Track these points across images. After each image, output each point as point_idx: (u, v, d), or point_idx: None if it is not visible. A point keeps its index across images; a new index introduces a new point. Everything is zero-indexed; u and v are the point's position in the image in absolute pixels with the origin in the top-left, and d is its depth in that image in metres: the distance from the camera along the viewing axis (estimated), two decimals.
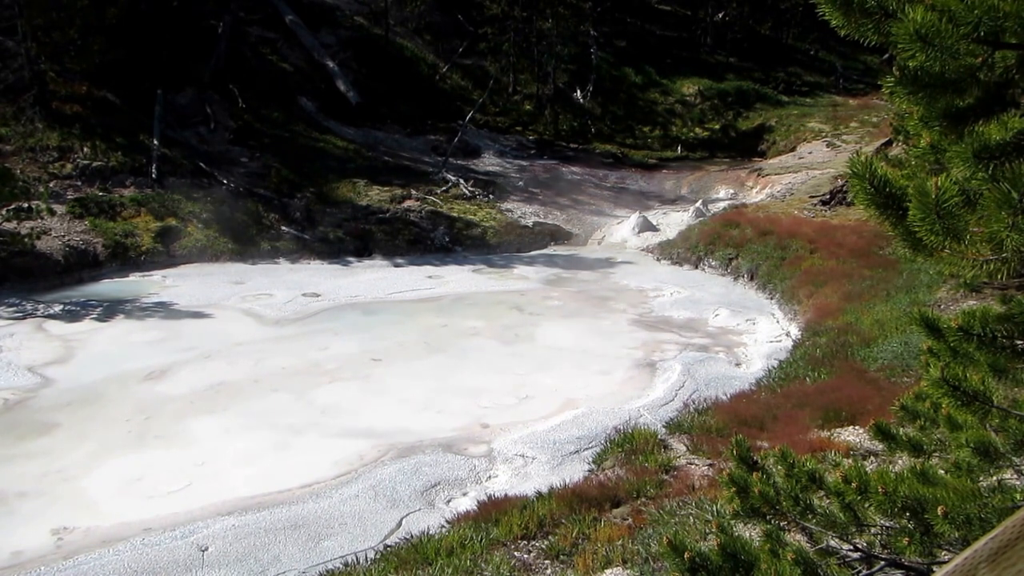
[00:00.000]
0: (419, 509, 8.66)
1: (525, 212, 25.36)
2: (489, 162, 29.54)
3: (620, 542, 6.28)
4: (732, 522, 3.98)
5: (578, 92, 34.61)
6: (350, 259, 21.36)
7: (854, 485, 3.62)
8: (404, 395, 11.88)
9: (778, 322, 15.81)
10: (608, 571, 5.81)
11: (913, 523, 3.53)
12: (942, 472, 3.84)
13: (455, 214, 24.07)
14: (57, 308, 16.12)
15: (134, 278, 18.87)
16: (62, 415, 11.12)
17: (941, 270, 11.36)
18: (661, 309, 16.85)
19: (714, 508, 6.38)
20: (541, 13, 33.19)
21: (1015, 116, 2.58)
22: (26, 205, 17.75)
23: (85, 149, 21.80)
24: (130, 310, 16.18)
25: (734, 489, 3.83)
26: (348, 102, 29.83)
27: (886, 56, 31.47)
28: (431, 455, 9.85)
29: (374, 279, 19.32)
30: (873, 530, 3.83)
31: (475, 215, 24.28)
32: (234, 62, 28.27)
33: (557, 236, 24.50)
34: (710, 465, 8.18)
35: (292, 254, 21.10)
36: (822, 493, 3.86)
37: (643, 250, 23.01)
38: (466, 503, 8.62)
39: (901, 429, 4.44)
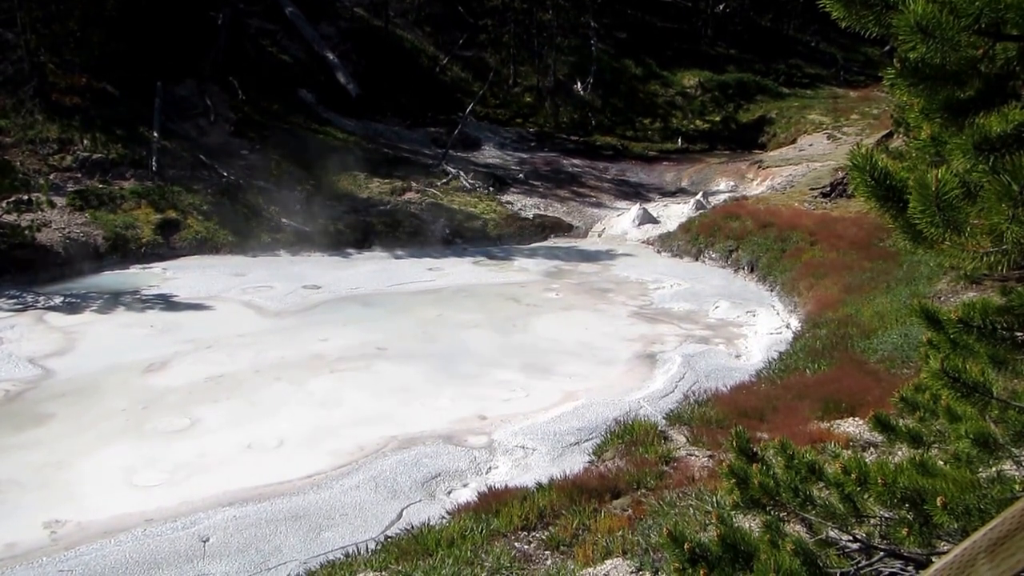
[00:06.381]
0: (419, 500, 8.69)
1: (525, 204, 25.35)
2: (489, 154, 29.50)
3: (620, 533, 6.29)
4: (732, 513, 3.98)
5: (578, 84, 34.53)
6: (350, 251, 21.36)
7: (853, 476, 3.63)
8: (404, 386, 11.89)
9: (778, 314, 15.83)
10: (608, 562, 5.83)
11: (912, 514, 3.54)
12: (941, 463, 3.84)
13: (455, 206, 24.06)
14: (58, 300, 16.12)
15: (134, 270, 18.88)
16: (62, 406, 11.14)
17: (941, 262, 11.36)
18: (661, 301, 16.86)
19: (714, 499, 6.39)
20: (541, 4, 33.11)
21: (1016, 108, 2.58)
22: (26, 197, 17.73)
23: (85, 141, 21.77)
24: (130, 302, 16.19)
25: (734, 480, 3.83)
26: (348, 94, 29.77)
27: (887, 48, 31.42)
28: (431, 446, 9.88)
29: (374, 271, 19.33)
30: (872, 521, 3.84)
31: (475, 207, 24.27)
32: (234, 54, 28.19)
33: (557, 228, 24.49)
34: (710, 456, 8.19)
35: (292, 246, 21.09)
36: (822, 484, 3.87)
37: (643, 242, 23.01)
38: (466, 494, 8.64)
39: (901, 420, 4.45)
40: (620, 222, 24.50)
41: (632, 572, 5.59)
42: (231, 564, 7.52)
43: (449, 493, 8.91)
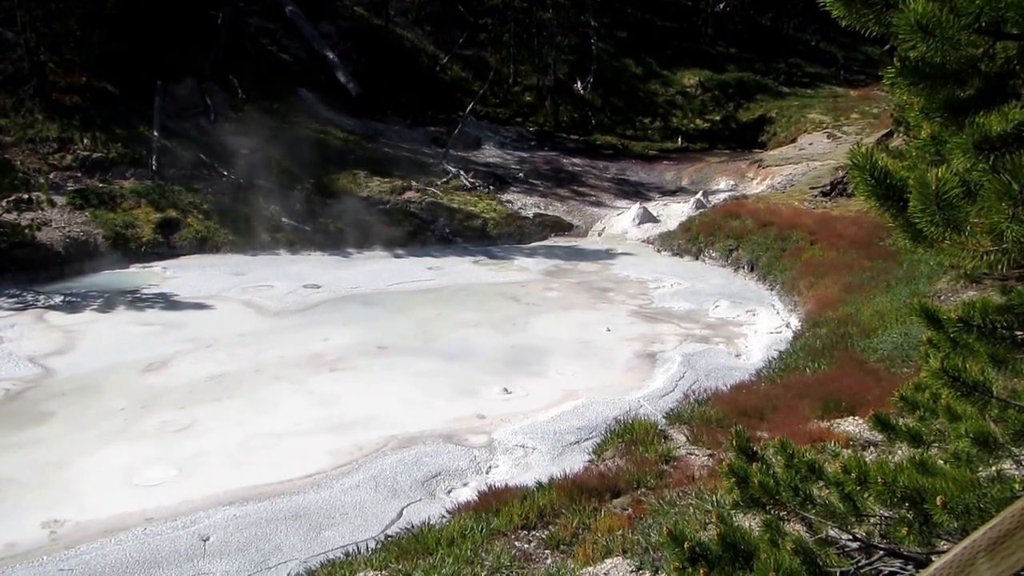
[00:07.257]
0: (420, 499, 8.69)
1: (525, 203, 25.35)
2: (489, 153, 29.49)
3: (620, 532, 6.29)
4: (732, 512, 3.98)
5: (578, 83, 34.52)
6: (350, 250, 21.36)
7: (853, 475, 3.63)
8: (404, 386, 11.89)
9: (778, 313, 15.82)
10: (608, 561, 5.83)
11: (912, 513, 3.54)
12: (941, 462, 3.84)
13: (455, 205, 24.06)
14: (58, 299, 16.12)
15: (134, 269, 18.88)
16: (62, 405, 11.14)
17: (941, 261, 11.34)
18: (661, 300, 16.86)
19: (714, 498, 6.39)
20: (541, 3, 33.10)
21: (1016, 107, 2.57)
22: (26, 196, 17.74)
23: (85, 140, 21.78)
24: (131, 301, 16.19)
25: (734, 479, 3.83)
26: (348, 93, 29.76)
27: (887, 47, 31.37)
28: (431, 446, 9.87)
29: (374, 270, 19.33)
30: (872, 520, 3.84)
31: (475, 206, 24.26)
32: (234, 53, 28.18)
33: (557, 227, 24.49)
34: (710, 455, 8.19)
35: (292, 245, 21.09)
36: (821, 483, 3.87)
37: (643, 241, 23.00)
38: (467, 493, 8.64)
39: (900, 419, 4.44)
40: (620, 221, 24.49)
41: (632, 571, 5.59)
42: (231, 563, 7.53)
43: (449, 492, 8.91)
